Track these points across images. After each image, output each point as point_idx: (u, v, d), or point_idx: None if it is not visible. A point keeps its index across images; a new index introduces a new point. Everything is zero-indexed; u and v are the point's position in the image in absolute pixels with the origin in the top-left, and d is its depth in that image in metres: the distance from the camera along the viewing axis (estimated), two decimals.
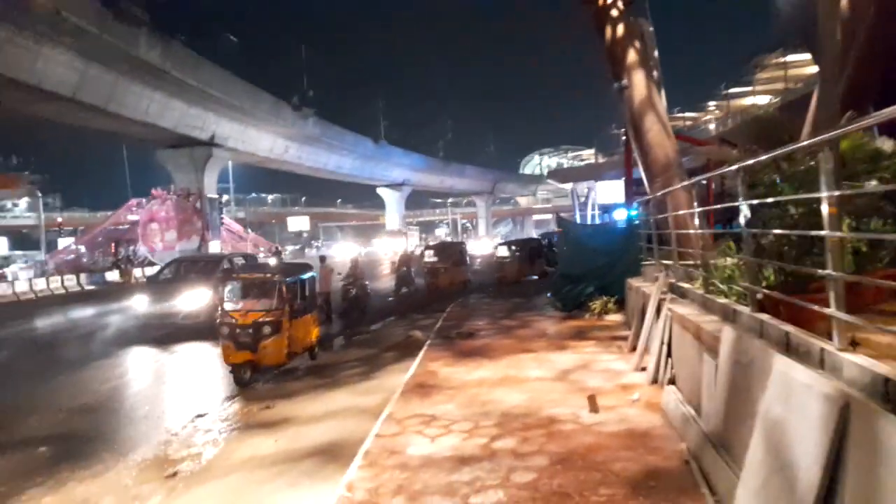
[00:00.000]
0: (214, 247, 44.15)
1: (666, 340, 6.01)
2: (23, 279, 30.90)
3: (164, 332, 13.10)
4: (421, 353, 8.91)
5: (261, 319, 8.84)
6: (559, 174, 65.93)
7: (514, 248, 22.49)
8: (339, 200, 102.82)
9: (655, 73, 11.22)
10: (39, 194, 61.32)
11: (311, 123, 49.83)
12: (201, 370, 10.29)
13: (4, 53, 23.09)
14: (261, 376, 9.04)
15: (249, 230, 63.64)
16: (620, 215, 18.09)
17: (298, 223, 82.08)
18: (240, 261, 16.57)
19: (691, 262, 6.66)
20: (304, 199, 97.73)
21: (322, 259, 15.46)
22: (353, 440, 5.45)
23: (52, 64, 25.71)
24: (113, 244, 48.88)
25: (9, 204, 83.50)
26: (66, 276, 33.06)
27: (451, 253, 21.74)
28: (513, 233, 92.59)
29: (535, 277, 21.02)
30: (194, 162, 41.79)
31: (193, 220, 43.30)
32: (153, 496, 5.11)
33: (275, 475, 5.18)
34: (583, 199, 47.11)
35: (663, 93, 11.46)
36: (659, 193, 9.09)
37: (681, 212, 7.62)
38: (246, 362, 8.73)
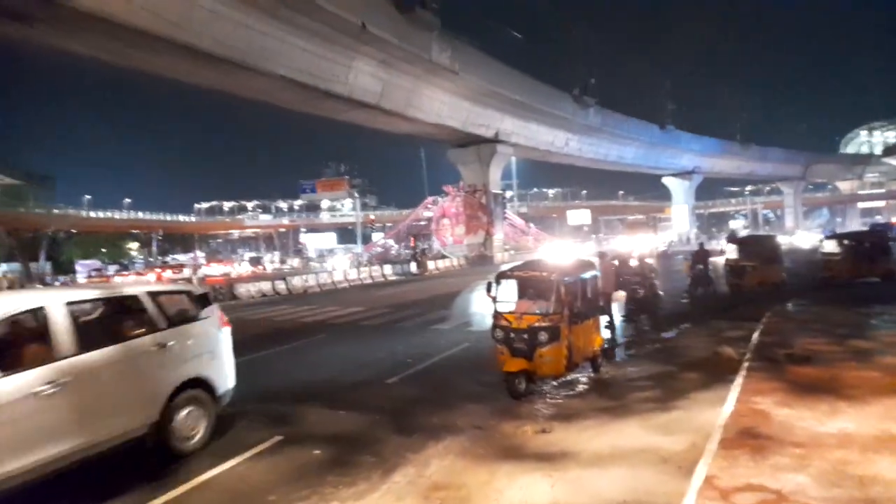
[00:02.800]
0: (498, 241, 45.48)
1: None
2: (339, 269, 35.66)
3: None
4: (738, 381, 6.84)
5: (537, 324, 7.72)
6: None
7: (847, 241, 17.98)
8: (620, 192, 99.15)
9: None
10: (357, 196, 71.14)
11: (591, 113, 48.18)
12: (478, 371, 9.62)
13: (321, 69, 26.33)
14: (537, 388, 7.94)
15: (531, 224, 64.73)
16: None
17: (578, 217, 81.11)
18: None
19: None
20: (584, 192, 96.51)
21: (602, 255, 13.86)
22: None
23: (360, 75, 28.66)
24: (412, 238, 53.83)
25: (338, 204, 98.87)
26: (374, 266, 37.15)
27: (761, 248, 18.15)
28: (829, 224, 78.17)
29: (877, 280, 16.45)
30: (480, 159, 43.48)
31: (479, 215, 45.14)
32: None
33: None
34: None
35: None
36: None
37: None
38: (521, 371, 7.71)
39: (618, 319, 13.10)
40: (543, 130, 45.91)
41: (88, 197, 67.32)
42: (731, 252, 18.05)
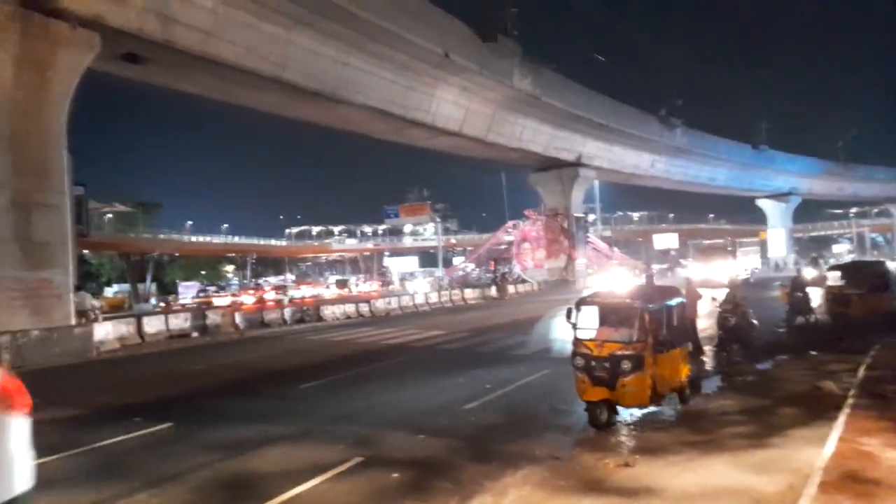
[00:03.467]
0: (580, 265, 44.66)
1: None
2: (420, 292, 36.17)
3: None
4: (841, 418, 6.36)
5: (619, 352, 7.51)
6: None
7: None
8: (710, 215, 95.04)
9: None
10: (438, 220, 72.06)
11: (678, 134, 46.79)
12: (558, 399, 9.44)
13: (406, 98, 27.13)
14: (620, 419, 7.70)
15: (615, 248, 63.17)
16: None
17: (665, 240, 78.28)
18: None
19: None
20: (671, 215, 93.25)
21: (688, 281, 13.30)
22: None
23: (443, 103, 29.28)
24: (493, 262, 53.77)
25: (420, 228, 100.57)
26: (454, 290, 37.39)
27: (867, 275, 16.84)
28: None
29: None
30: (562, 182, 43.09)
31: (561, 240, 44.56)
32: None
33: None
34: None
35: None
36: None
37: None
38: (603, 401, 7.51)
39: (707, 349, 12.52)
40: (628, 153, 44.98)
41: (190, 223, 71.93)
42: (834, 279, 16.85)
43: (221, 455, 6.86)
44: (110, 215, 57.02)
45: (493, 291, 37.86)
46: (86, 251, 51.86)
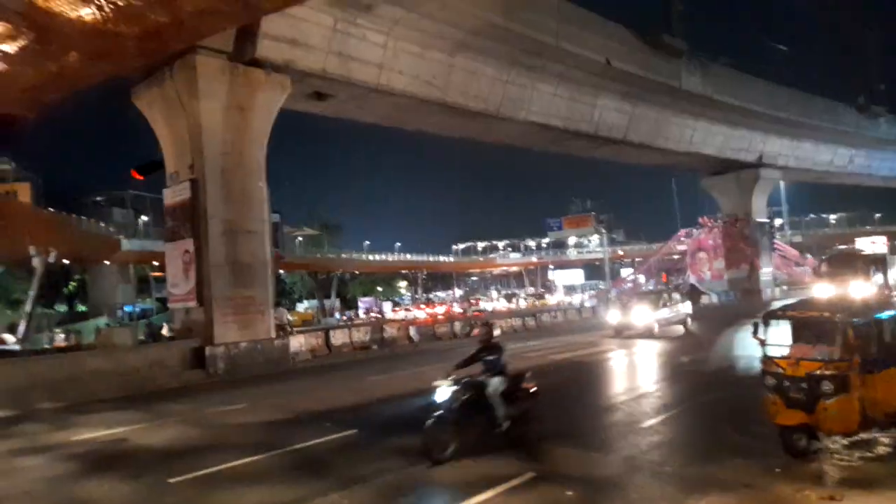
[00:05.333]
0: (765, 275, 40.84)
1: None
2: (586, 305, 35.39)
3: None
4: None
5: (818, 372, 6.74)
6: None
7: None
8: None
9: None
10: (604, 231, 70.00)
11: (882, 124, 41.11)
12: (744, 419, 8.70)
13: (568, 110, 26.91)
14: (821, 446, 6.90)
15: (808, 255, 56.82)
16: None
17: (870, 245, 68.66)
18: None
19: None
20: (877, 215, 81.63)
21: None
22: None
23: (605, 111, 28.59)
24: (664, 274, 51.03)
25: (585, 240, 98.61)
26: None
27: None
28: None
29: None
30: (740, 186, 39.83)
31: (741, 247, 41.11)
32: None
33: None
34: None
35: None
36: None
37: None
38: (800, 425, 6.78)
39: None
40: (819, 148, 40.39)
41: (367, 242, 77.34)
42: None
43: (403, 462, 7.26)
44: (300, 238, 63.24)
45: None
46: (281, 271, 57.93)
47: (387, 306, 63.36)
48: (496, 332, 8.25)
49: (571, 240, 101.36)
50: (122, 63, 11.59)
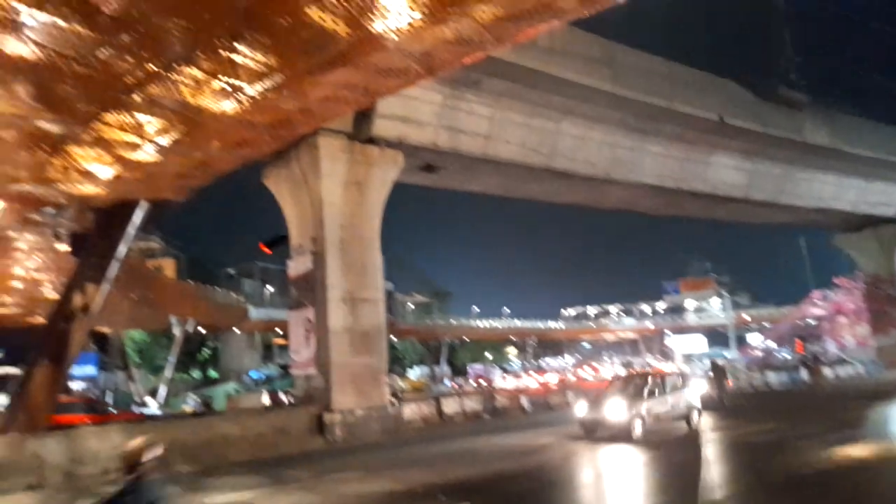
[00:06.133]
0: None
1: None
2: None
3: None
4: None
5: None
6: None
7: None
8: None
9: None
10: (725, 294, 65.92)
11: None
12: None
13: (680, 170, 26.17)
14: None
15: None
16: None
17: None
18: None
19: None
20: None
21: None
22: None
23: (722, 169, 27.56)
24: (798, 340, 46.97)
25: (705, 304, 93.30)
26: (752, 372, 33.37)
27: None
28: None
29: None
30: (881, 242, 36.38)
31: (888, 311, 37.12)
32: None
33: None
34: None
35: None
36: None
37: None
38: None
39: None
40: None
41: (476, 309, 77.65)
42: None
43: None
44: (411, 305, 64.75)
45: (803, 375, 32.70)
46: (393, 338, 59.31)
47: (496, 373, 62.62)
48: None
49: (690, 303, 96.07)
50: (257, 149, 12.74)
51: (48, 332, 14.11)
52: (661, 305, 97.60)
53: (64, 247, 16.71)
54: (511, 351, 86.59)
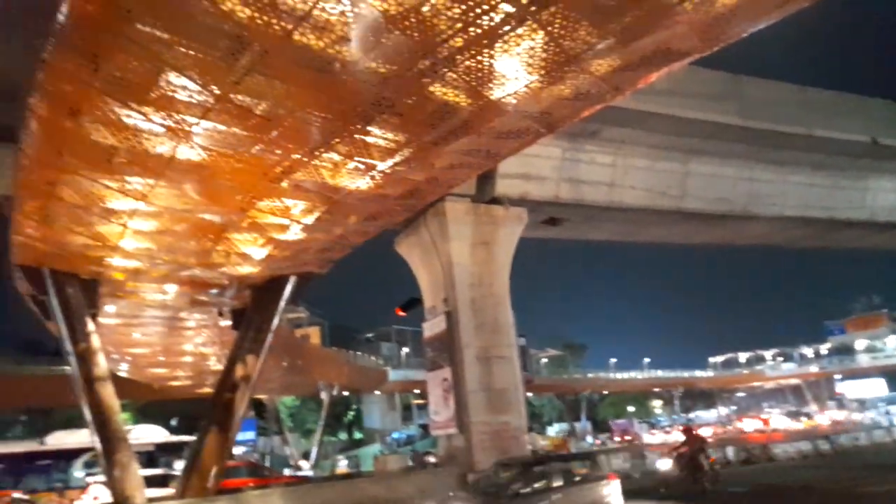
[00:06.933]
0: None
1: None
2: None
3: None
4: None
5: None
6: None
7: None
8: None
9: None
10: None
11: None
12: None
13: (832, 198, 24.12)
14: None
15: None
16: None
17: None
18: None
19: None
20: None
21: None
22: None
23: (880, 193, 25.09)
24: None
25: (878, 343, 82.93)
26: None
27: None
28: None
29: None
30: None
31: None
32: None
33: None
34: None
35: None
36: None
37: None
38: None
39: None
40: None
41: (614, 360, 74.47)
42: None
43: None
44: (545, 359, 63.49)
45: None
46: (529, 394, 58.27)
47: (641, 427, 59.04)
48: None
49: (860, 343, 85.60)
50: (389, 219, 13.51)
51: (215, 401, 15.42)
52: (825, 347, 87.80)
53: (226, 322, 18.43)
54: (655, 404, 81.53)
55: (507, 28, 6.68)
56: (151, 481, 15.65)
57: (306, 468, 32.98)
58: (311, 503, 14.78)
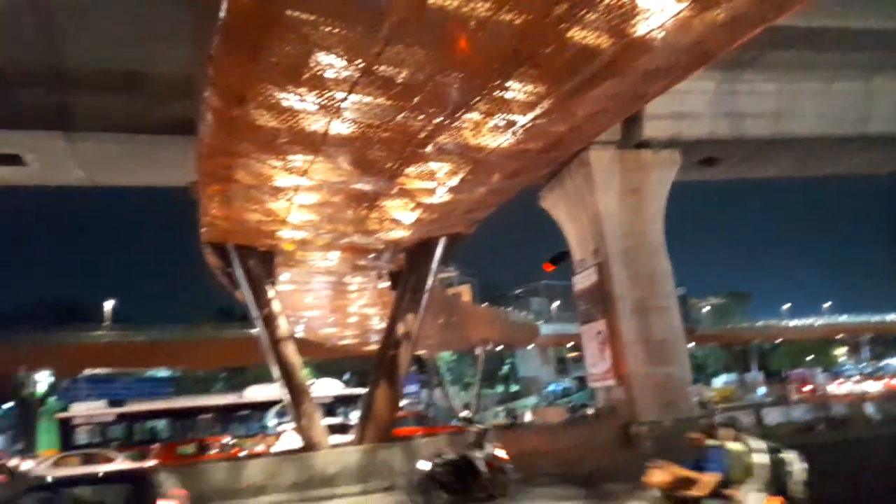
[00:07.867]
0: None
1: None
2: None
3: None
4: None
5: None
6: None
7: None
8: None
9: None
10: None
11: None
12: None
13: None
14: None
15: None
16: None
17: None
18: None
19: None
20: None
21: None
22: None
23: None
24: None
25: None
26: None
27: None
28: None
29: None
30: None
31: None
32: None
33: None
34: None
35: None
36: None
37: None
38: None
39: None
40: None
41: (787, 306, 68.38)
42: None
43: None
44: (706, 308, 60.05)
45: None
46: (691, 344, 55.68)
47: (823, 377, 54.00)
48: None
49: None
50: (532, 174, 13.40)
51: (381, 357, 16.56)
52: None
53: (384, 284, 19.57)
54: (839, 352, 74.00)
55: None
56: (332, 429, 17.21)
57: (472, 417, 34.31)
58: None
